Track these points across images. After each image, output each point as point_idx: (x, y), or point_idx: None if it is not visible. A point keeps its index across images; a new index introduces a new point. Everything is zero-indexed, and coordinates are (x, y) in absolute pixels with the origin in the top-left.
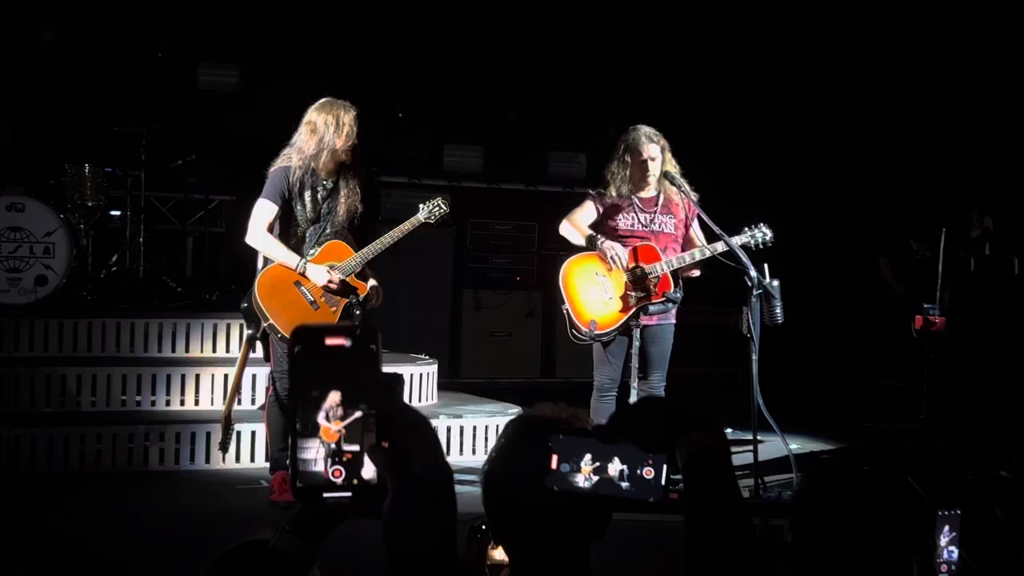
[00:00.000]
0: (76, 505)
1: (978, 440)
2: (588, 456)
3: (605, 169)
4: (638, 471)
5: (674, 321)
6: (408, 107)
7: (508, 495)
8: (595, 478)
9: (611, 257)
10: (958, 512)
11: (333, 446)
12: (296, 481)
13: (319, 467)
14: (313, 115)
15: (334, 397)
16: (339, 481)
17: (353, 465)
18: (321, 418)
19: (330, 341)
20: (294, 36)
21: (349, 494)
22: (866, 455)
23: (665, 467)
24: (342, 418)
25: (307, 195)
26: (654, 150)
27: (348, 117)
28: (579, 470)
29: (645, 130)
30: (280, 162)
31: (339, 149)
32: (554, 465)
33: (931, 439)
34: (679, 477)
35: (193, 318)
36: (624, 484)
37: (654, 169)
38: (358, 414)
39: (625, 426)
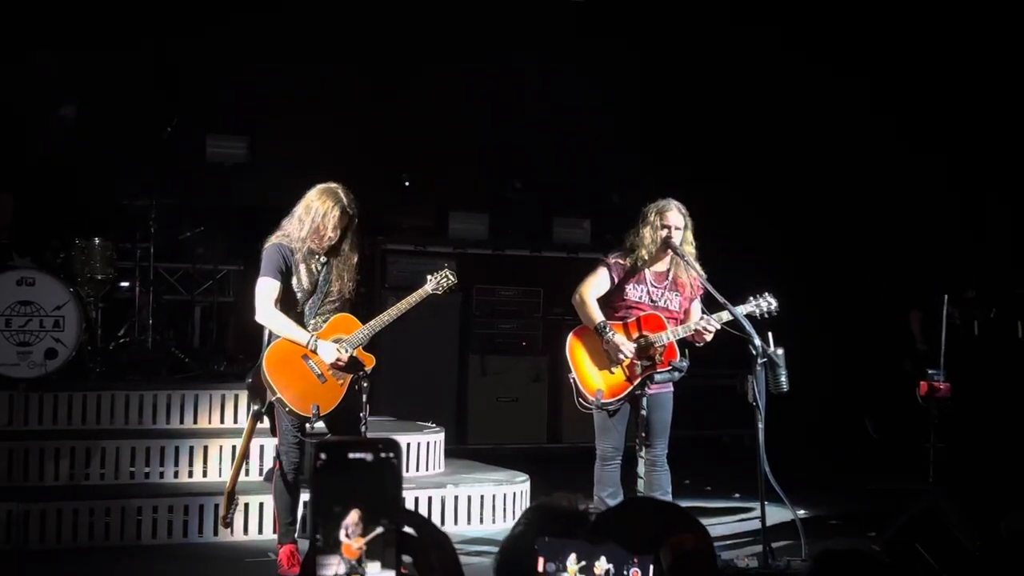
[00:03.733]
0: None
1: (985, 504)
2: (573, 556)
3: (632, 234)
4: (624, 571)
5: (672, 389)
6: (414, 175)
7: None
8: None
9: (614, 352)
10: None
11: (354, 563)
12: None
13: None
14: (312, 197)
15: (354, 515)
16: None
17: None
18: (342, 535)
19: (352, 455)
20: (301, 108)
21: None
22: (874, 521)
23: (652, 568)
24: (363, 535)
25: (302, 268)
26: (681, 221)
27: (336, 212)
28: (565, 570)
29: (675, 202)
30: (274, 239)
31: (319, 241)
32: (540, 568)
33: (939, 504)
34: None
35: (201, 389)
36: None
37: (676, 239)
38: (379, 530)
39: (611, 526)
